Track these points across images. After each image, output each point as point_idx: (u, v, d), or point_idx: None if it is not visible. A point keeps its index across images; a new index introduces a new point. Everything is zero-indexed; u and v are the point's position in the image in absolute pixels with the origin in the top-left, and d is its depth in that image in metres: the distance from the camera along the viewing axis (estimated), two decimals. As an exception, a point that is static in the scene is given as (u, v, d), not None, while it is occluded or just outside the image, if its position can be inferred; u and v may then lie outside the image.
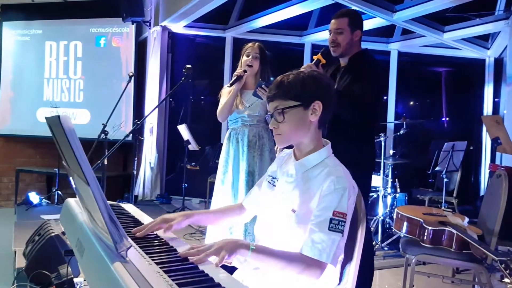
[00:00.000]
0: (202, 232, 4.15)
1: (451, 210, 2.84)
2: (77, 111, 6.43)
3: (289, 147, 1.49)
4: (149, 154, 6.09)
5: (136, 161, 5.51)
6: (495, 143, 3.69)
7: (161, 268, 1.04)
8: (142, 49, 6.37)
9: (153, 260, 1.10)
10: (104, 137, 3.68)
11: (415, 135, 6.18)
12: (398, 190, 4.50)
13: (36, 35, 6.60)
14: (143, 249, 1.20)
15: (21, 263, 2.94)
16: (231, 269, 1.22)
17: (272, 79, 2.71)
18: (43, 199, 5.71)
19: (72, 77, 6.49)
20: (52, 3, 6.51)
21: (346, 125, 2.31)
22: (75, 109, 6.44)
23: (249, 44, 2.83)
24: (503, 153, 4.23)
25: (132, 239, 1.25)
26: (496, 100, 6.20)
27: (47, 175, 6.63)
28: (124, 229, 1.05)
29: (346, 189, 1.30)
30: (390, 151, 4.74)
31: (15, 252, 3.38)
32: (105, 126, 3.63)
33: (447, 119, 6.78)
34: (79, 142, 0.98)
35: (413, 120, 5.62)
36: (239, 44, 2.99)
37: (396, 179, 4.53)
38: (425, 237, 2.44)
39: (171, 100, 6.47)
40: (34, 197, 5.59)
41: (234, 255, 1.19)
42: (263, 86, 2.45)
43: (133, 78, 3.92)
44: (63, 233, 2.70)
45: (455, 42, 5.72)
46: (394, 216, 2.90)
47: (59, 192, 5.74)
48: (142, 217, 1.63)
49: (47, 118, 1.13)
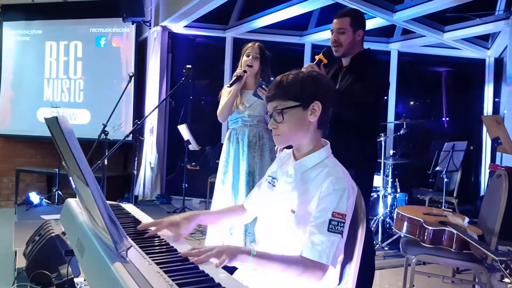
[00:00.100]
0: (202, 232, 4.15)
1: (451, 210, 2.84)
2: (77, 111, 6.43)
3: (289, 147, 1.49)
4: (149, 154, 6.09)
5: (136, 161, 5.51)
6: (495, 143, 3.68)
7: (161, 268, 1.04)
8: (142, 49, 6.37)
9: (153, 260, 1.10)
10: (104, 137, 3.68)
11: (415, 135, 6.18)
12: (398, 190, 4.50)
13: (36, 35, 6.60)
14: (143, 249, 1.20)
15: (21, 263, 2.94)
16: (231, 269, 1.22)
17: (272, 79, 2.70)
18: (44, 199, 5.71)
19: (72, 77, 6.49)
20: (52, 3, 6.51)
21: (348, 125, 2.29)
22: (75, 109, 6.44)
23: (249, 44, 2.81)
24: (503, 153, 4.23)
25: (132, 239, 1.25)
26: (496, 100, 6.20)
27: (47, 175, 6.63)
28: (124, 229, 1.05)
29: (345, 190, 1.31)
30: (390, 151, 4.74)
31: (15, 252, 3.37)
32: (105, 126, 3.63)
33: (447, 119, 6.78)
34: (77, 143, 0.98)
35: (413, 120, 5.61)
36: (239, 44, 2.98)
37: (396, 179, 4.53)
38: (425, 237, 2.44)
39: (171, 100, 6.46)
40: (34, 197, 5.59)
41: (234, 260, 1.20)
42: (264, 86, 2.44)
43: (133, 78, 3.92)
44: (64, 233, 2.70)
45: (455, 42, 5.72)
46: (394, 216, 2.89)
47: (59, 192, 5.74)
48: (142, 217, 1.63)
49: (46, 119, 1.13)
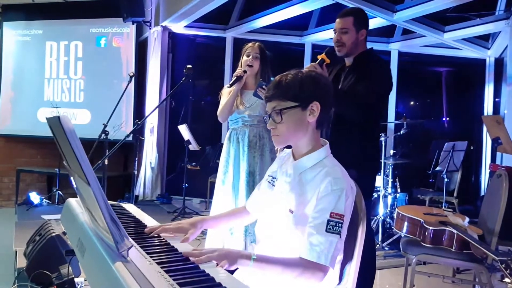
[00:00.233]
0: (203, 232, 4.13)
1: (451, 210, 2.84)
2: (77, 111, 6.43)
3: (289, 146, 1.50)
4: (150, 154, 6.09)
5: (136, 161, 5.52)
6: (496, 143, 3.68)
7: (162, 268, 1.04)
8: (142, 49, 6.37)
9: (154, 260, 1.11)
10: (104, 137, 3.68)
11: (415, 135, 6.18)
12: (399, 190, 4.50)
13: (37, 35, 6.61)
14: (144, 249, 1.20)
15: (22, 263, 2.94)
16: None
17: (272, 79, 2.69)
18: (44, 199, 5.71)
19: (73, 77, 6.49)
20: (52, 3, 6.51)
21: (350, 125, 2.27)
22: (75, 109, 6.44)
23: (249, 44, 2.81)
24: (503, 153, 4.23)
25: (133, 239, 1.26)
26: (496, 100, 6.20)
27: (47, 175, 6.63)
28: (125, 229, 1.05)
29: (343, 190, 1.30)
30: (390, 151, 4.74)
31: (16, 252, 3.38)
32: (105, 126, 3.63)
33: (447, 119, 6.77)
34: (79, 142, 0.99)
35: (414, 120, 5.60)
36: (239, 44, 2.98)
37: (397, 179, 4.53)
38: (425, 237, 2.44)
39: (171, 100, 6.46)
40: (34, 197, 5.59)
41: (235, 265, 1.20)
42: (264, 87, 2.43)
43: (133, 78, 3.92)
44: (64, 233, 2.70)
45: (455, 42, 5.72)
46: (395, 216, 2.90)
47: (60, 192, 5.75)
48: (143, 217, 1.64)
49: (47, 119, 1.13)
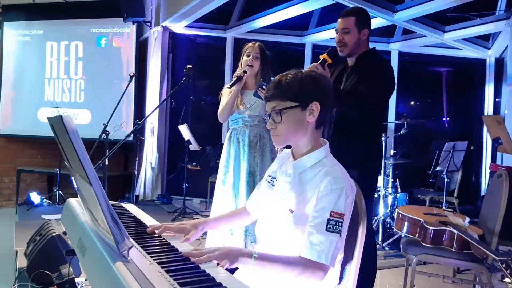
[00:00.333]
0: (203, 232, 4.15)
1: (452, 210, 2.84)
2: (78, 111, 6.43)
3: (289, 146, 1.50)
4: (150, 154, 6.09)
5: (137, 161, 5.52)
6: (496, 143, 3.68)
7: (162, 267, 1.04)
8: (143, 49, 6.38)
9: (154, 260, 1.11)
10: (105, 137, 3.68)
11: (416, 135, 6.17)
12: (399, 190, 4.49)
13: (37, 35, 6.61)
14: (145, 249, 1.20)
15: (22, 263, 2.95)
16: (232, 268, 1.23)
17: (272, 79, 2.69)
18: (44, 199, 5.72)
19: (73, 77, 6.50)
20: (53, 4, 6.51)
21: (352, 126, 2.26)
22: (76, 109, 6.44)
23: (249, 44, 2.80)
24: (503, 153, 4.23)
25: (133, 239, 1.26)
26: (496, 100, 6.20)
27: (48, 175, 6.63)
28: (125, 229, 1.05)
29: (343, 189, 1.31)
30: (391, 151, 4.74)
31: (16, 252, 3.38)
32: (106, 126, 3.63)
33: (447, 119, 6.77)
34: (81, 142, 0.99)
35: (414, 120, 5.60)
36: (239, 44, 2.97)
37: (397, 179, 4.53)
38: (426, 237, 2.44)
39: (172, 100, 6.47)
40: (35, 197, 5.60)
41: (236, 263, 1.21)
42: (264, 87, 2.43)
43: (134, 78, 3.91)
44: (64, 233, 2.70)
45: (455, 42, 5.72)
46: (395, 216, 2.90)
47: (60, 192, 5.75)
48: (143, 217, 1.64)
49: (49, 118, 1.13)
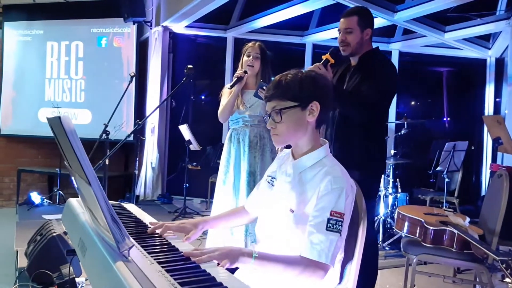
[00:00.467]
0: (204, 232, 4.14)
1: (452, 210, 2.84)
2: (78, 111, 6.44)
3: (289, 146, 1.50)
4: (151, 154, 6.10)
5: (137, 161, 5.52)
6: (496, 143, 3.68)
7: (163, 267, 1.05)
8: (143, 49, 6.38)
9: (155, 259, 1.11)
10: (105, 137, 3.68)
11: (416, 135, 6.17)
12: (399, 190, 4.49)
13: (38, 35, 6.61)
14: (145, 248, 1.21)
15: (23, 262, 2.95)
16: (232, 268, 1.23)
17: (272, 79, 2.69)
18: (45, 199, 5.72)
19: (74, 77, 6.50)
20: (53, 4, 6.52)
21: (355, 126, 2.24)
22: (76, 109, 6.45)
23: (249, 44, 2.80)
24: (504, 153, 4.23)
25: (134, 239, 1.26)
26: (497, 100, 6.19)
27: (48, 175, 6.64)
28: (126, 228, 1.05)
29: (343, 189, 1.31)
30: (391, 151, 4.73)
31: (17, 252, 3.38)
32: (106, 126, 3.63)
33: (448, 119, 6.77)
34: (80, 142, 0.99)
35: (414, 120, 5.60)
36: (240, 44, 2.97)
37: (397, 179, 4.53)
38: (426, 237, 2.44)
39: (172, 100, 6.48)
40: (35, 197, 5.60)
41: (236, 263, 1.21)
42: (264, 87, 2.43)
43: (134, 78, 3.92)
44: (65, 232, 2.71)
45: (456, 42, 5.72)
46: (395, 216, 2.89)
47: (61, 192, 5.76)
48: (143, 217, 1.64)
49: (48, 119, 1.13)
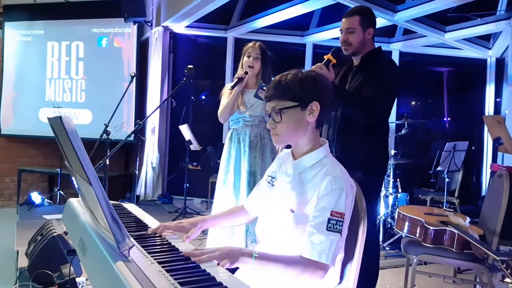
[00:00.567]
0: (204, 232, 4.14)
1: (452, 210, 2.84)
2: (79, 111, 6.44)
3: (289, 146, 1.50)
4: (151, 154, 6.10)
5: (138, 161, 5.52)
6: (497, 143, 3.68)
7: (163, 267, 1.05)
8: (144, 49, 6.38)
9: (155, 259, 1.11)
10: (106, 137, 3.69)
11: (416, 135, 6.18)
12: (400, 190, 4.49)
13: (38, 36, 6.62)
14: (145, 248, 1.21)
15: (23, 262, 2.95)
16: (232, 268, 1.23)
17: (273, 79, 2.69)
18: (45, 199, 5.72)
19: (74, 77, 6.50)
20: (54, 4, 6.51)
21: (357, 127, 2.23)
22: (77, 109, 6.45)
23: (249, 44, 2.79)
24: (504, 153, 4.22)
25: (134, 239, 1.26)
26: (497, 100, 6.19)
27: (49, 175, 6.64)
28: (126, 228, 1.06)
29: (343, 189, 1.31)
30: (391, 151, 4.73)
31: (17, 252, 3.38)
32: (107, 126, 3.63)
33: (448, 119, 6.77)
34: (81, 142, 0.99)
35: (415, 120, 5.60)
36: (240, 44, 2.97)
37: (398, 179, 4.52)
38: (426, 237, 2.44)
39: (172, 100, 6.48)
40: (36, 197, 5.60)
41: (237, 263, 1.21)
42: (265, 88, 2.42)
43: (135, 78, 3.92)
44: (65, 232, 2.71)
45: (456, 42, 5.72)
46: (396, 216, 2.90)
47: (61, 192, 5.76)
48: (144, 217, 1.64)
49: (49, 119, 1.13)
